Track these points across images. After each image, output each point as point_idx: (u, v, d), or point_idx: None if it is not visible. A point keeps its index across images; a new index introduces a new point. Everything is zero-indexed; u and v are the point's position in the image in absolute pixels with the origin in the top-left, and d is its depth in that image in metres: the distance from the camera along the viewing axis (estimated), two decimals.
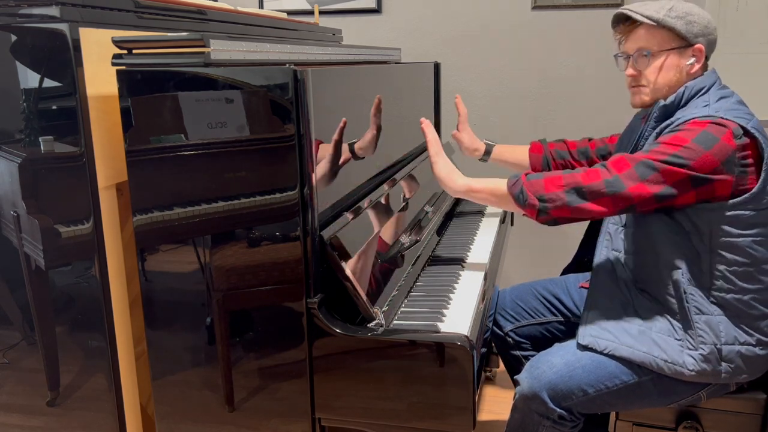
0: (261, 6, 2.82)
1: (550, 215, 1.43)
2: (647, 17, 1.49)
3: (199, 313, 1.36)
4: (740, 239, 1.41)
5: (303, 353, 1.31)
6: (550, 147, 1.97)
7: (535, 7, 2.58)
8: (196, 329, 1.37)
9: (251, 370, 1.36)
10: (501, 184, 1.51)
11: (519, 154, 2.01)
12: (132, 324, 1.47)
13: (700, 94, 1.49)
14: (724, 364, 1.42)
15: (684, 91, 1.49)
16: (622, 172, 1.39)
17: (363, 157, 1.47)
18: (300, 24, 2.26)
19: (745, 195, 1.39)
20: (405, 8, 2.70)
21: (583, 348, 1.50)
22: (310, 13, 2.73)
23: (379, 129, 1.62)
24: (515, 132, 2.69)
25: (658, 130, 1.48)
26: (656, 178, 1.37)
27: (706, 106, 1.44)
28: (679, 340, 1.44)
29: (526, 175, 1.47)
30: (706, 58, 1.53)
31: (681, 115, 1.46)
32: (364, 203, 1.52)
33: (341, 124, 1.41)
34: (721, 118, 1.39)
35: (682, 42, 1.49)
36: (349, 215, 1.42)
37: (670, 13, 1.48)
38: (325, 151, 1.34)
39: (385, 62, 2.13)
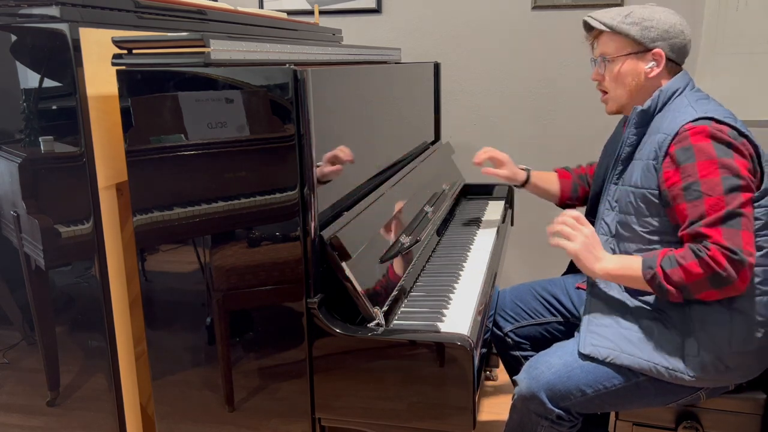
0: (261, 6, 2.82)
1: (694, 297, 1.38)
2: (603, 23, 1.53)
3: (199, 313, 1.36)
4: None
5: (303, 353, 1.31)
6: (575, 172, 1.97)
7: (535, 7, 2.58)
8: (196, 329, 1.37)
9: (251, 370, 1.36)
10: (637, 271, 1.41)
11: (550, 181, 1.99)
12: (132, 324, 1.47)
13: (675, 95, 1.50)
14: (724, 368, 1.42)
15: (659, 95, 1.50)
16: (728, 238, 1.32)
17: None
18: (300, 24, 2.26)
19: (756, 193, 1.39)
20: (405, 8, 2.70)
21: (584, 357, 1.49)
22: (310, 13, 2.73)
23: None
24: (515, 132, 2.69)
25: (656, 146, 1.45)
26: (744, 218, 1.33)
27: (687, 106, 1.44)
28: (680, 347, 1.43)
29: (661, 267, 1.38)
30: (676, 63, 1.54)
31: (662, 119, 1.46)
32: (364, 203, 1.52)
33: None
34: (714, 120, 1.39)
35: (639, 47, 1.51)
36: (349, 215, 1.42)
37: (626, 20, 1.50)
38: (325, 151, 1.34)
39: (385, 62, 2.13)
